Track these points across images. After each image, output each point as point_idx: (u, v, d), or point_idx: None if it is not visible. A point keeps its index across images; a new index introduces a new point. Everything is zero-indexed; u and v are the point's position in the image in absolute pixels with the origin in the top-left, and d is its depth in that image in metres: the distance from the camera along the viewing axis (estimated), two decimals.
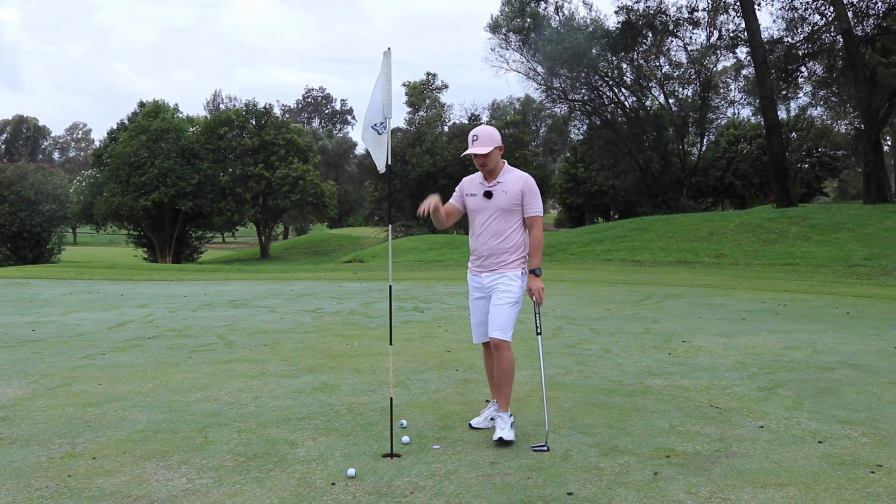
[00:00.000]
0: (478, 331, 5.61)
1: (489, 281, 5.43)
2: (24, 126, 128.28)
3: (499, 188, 5.39)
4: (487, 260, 5.44)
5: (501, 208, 5.38)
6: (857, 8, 36.66)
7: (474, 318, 5.61)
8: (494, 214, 5.40)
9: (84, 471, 4.62)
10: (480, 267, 5.50)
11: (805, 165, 61.79)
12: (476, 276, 5.54)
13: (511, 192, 5.38)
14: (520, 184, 5.40)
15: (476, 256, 5.53)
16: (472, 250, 5.59)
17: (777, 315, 11.66)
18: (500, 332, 5.33)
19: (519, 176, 5.45)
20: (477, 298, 5.56)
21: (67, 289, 17.05)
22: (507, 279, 5.39)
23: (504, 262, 5.40)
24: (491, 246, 5.41)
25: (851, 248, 23.74)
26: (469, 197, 5.54)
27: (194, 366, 7.84)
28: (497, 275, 5.41)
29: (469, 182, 5.59)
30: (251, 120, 63.06)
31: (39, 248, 59.26)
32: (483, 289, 5.49)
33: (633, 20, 45.09)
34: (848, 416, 5.75)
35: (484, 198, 5.42)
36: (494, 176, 5.45)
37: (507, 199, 5.37)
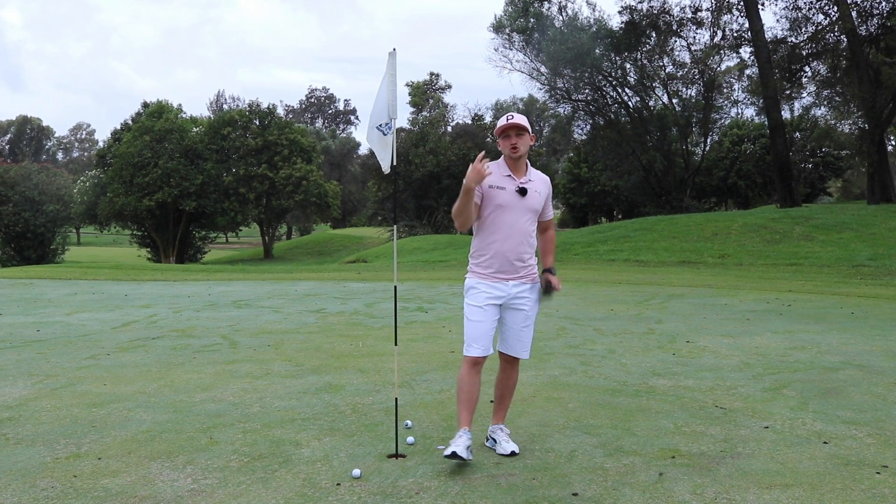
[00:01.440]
0: (482, 341, 4.87)
1: (518, 291, 4.92)
2: (28, 126, 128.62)
3: (531, 187, 4.90)
4: (512, 265, 4.88)
5: (533, 209, 4.92)
6: (861, 7, 36.60)
7: (481, 326, 4.88)
8: (525, 214, 4.89)
9: (89, 471, 4.63)
10: (503, 273, 4.88)
11: (809, 165, 61.77)
12: (496, 284, 4.89)
13: (542, 193, 4.98)
14: (546, 186, 5.04)
15: (496, 260, 4.87)
16: (487, 253, 4.90)
17: (781, 315, 11.65)
18: (527, 351, 5.06)
19: (544, 178, 5.07)
20: (490, 305, 4.89)
21: (71, 289, 17.08)
22: (530, 290, 5.01)
23: (531, 269, 4.97)
24: (520, 251, 4.89)
25: (855, 249, 23.71)
26: (495, 190, 4.84)
27: (199, 366, 7.85)
28: (525, 285, 4.96)
29: (493, 170, 4.88)
30: (254, 120, 63.16)
31: (43, 248, 59.42)
32: (505, 297, 4.91)
33: (636, 20, 45.08)
34: (853, 417, 5.74)
35: (517, 194, 4.85)
36: (522, 171, 4.93)
37: (539, 200, 4.95)
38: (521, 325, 5.00)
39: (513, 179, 4.87)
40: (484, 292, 4.89)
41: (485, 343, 4.87)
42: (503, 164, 4.93)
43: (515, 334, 5.00)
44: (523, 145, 4.86)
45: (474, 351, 4.86)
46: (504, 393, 5.14)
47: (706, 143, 54.21)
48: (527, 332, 5.03)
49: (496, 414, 5.17)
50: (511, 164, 4.90)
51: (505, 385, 5.14)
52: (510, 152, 4.84)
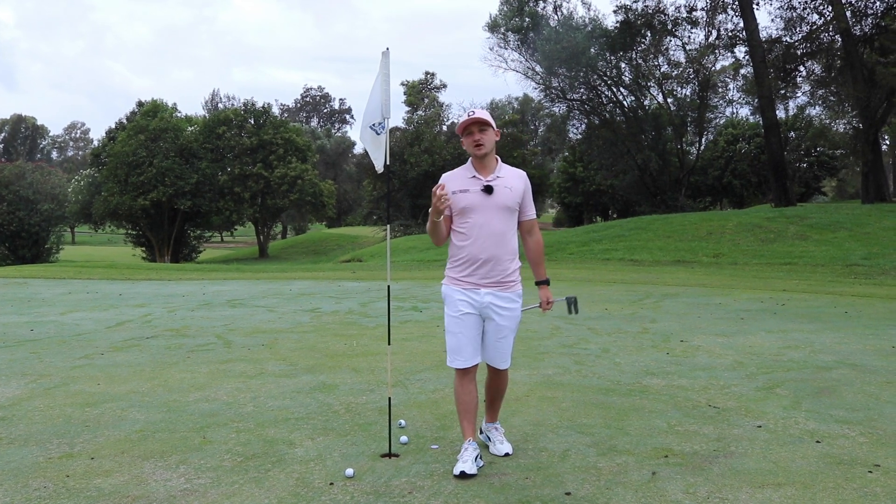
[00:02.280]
0: (464, 352, 4.70)
1: (490, 299, 4.66)
2: (22, 125, 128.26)
3: (500, 183, 4.64)
4: (484, 269, 4.63)
5: (505, 206, 4.63)
6: (856, 7, 36.72)
7: (460, 337, 4.70)
8: (496, 213, 4.61)
9: (82, 471, 4.62)
10: (475, 278, 4.65)
11: (803, 165, 61.85)
12: (468, 291, 4.68)
13: (515, 188, 4.68)
14: (521, 180, 4.75)
15: (469, 265, 4.66)
16: (461, 258, 4.70)
17: (775, 315, 11.67)
18: (507, 363, 4.84)
19: (518, 172, 4.79)
20: (466, 314, 4.69)
21: (66, 288, 17.05)
22: (511, 301, 4.72)
23: (506, 274, 4.66)
24: (491, 252, 4.61)
25: (850, 248, 23.76)
26: (459, 194, 4.63)
27: (193, 365, 7.84)
28: (498, 294, 4.67)
29: (453, 178, 4.71)
30: (249, 119, 63.08)
31: (38, 247, 59.30)
32: (478, 305, 4.68)
33: (631, 19, 45.15)
34: (846, 416, 5.75)
35: (483, 193, 4.60)
36: (490, 169, 4.69)
37: (511, 196, 4.66)
38: (495, 336, 4.73)
39: (478, 179, 4.65)
40: (459, 300, 4.70)
41: (466, 354, 4.68)
42: (469, 165, 4.73)
43: (491, 345, 4.78)
44: (488, 141, 4.63)
45: (457, 363, 4.71)
46: (495, 396, 5.01)
47: (701, 142, 54.31)
48: (502, 343, 4.77)
49: (488, 413, 5.06)
50: (477, 163, 4.70)
51: (494, 389, 4.99)
52: (475, 150, 4.64)
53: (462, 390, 4.76)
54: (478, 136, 4.61)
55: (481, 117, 4.61)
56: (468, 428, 4.71)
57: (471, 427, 4.72)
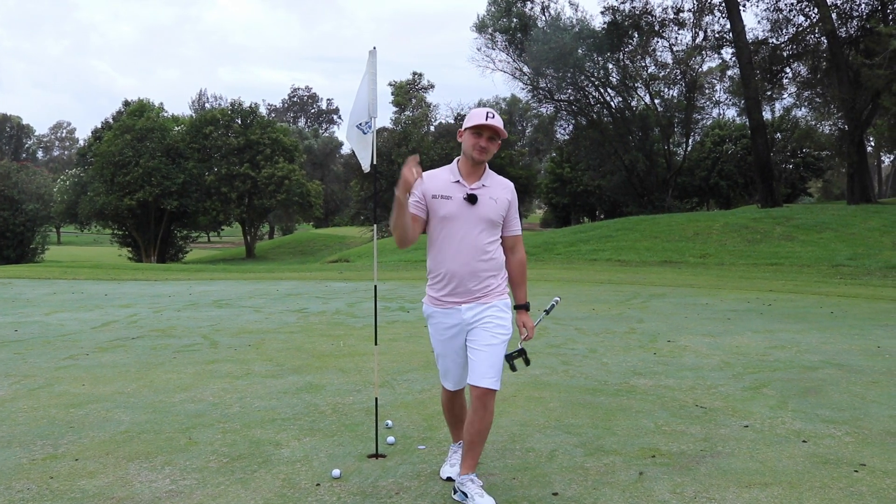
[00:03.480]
0: (454, 374, 4.37)
1: (473, 314, 4.21)
2: (7, 125, 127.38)
3: (485, 193, 4.22)
4: (465, 286, 4.19)
5: (488, 219, 4.21)
6: (841, 9, 36.95)
7: (449, 360, 4.34)
8: (478, 226, 4.19)
9: (66, 472, 4.58)
10: (456, 295, 4.21)
11: (790, 166, 62.17)
12: (450, 311, 4.23)
13: (500, 200, 4.25)
14: (508, 192, 4.32)
15: (447, 282, 4.21)
16: (439, 274, 4.25)
17: (762, 315, 11.71)
18: (493, 380, 4.14)
19: (505, 183, 4.36)
20: (452, 337, 4.27)
21: (51, 288, 16.94)
22: (498, 310, 4.24)
23: (490, 288, 4.24)
24: (473, 267, 4.18)
25: (835, 249, 23.89)
26: (439, 200, 4.21)
27: (179, 366, 7.80)
28: (483, 305, 4.22)
29: (435, 180, 4.27)
30: (237, 119, 62.89)
31: (23, 247, 58.89)
32: (462, 325, 4.23)
33: (618, 20, 45.29)
34: (832, 416, 5.77)
35: (466, 202, 4.17)
36: (477, 176, 4.26)
37: (496, 208, 4.23)
38: (480, 344, 4.19)
39: (462, 186, 4.21)
40: (440, 322, 4.29)
41: (454, 378, 4.38)
42: (454, 167, 4.29)
43: (475, 355, 4.19)
44: (490, 151, 4.22)
45: (447, 384, 4.44)
46: (474, 439, 4.18)
47: (688, 143, 54.55)
48: (491, 352, 4.17)
49: (465, 460, 4.21)
50: (466, 167, 4.26)
51: (476, 429, 4.17)
52: (475, 154, 4.18)
53: (451, 404, 4.52)
54: (485, 142, 4.18)
55: (498, 127, 4.17)
56: (457, 434, 4.55)
57: (459, 433, 4.50)
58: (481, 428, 4.16)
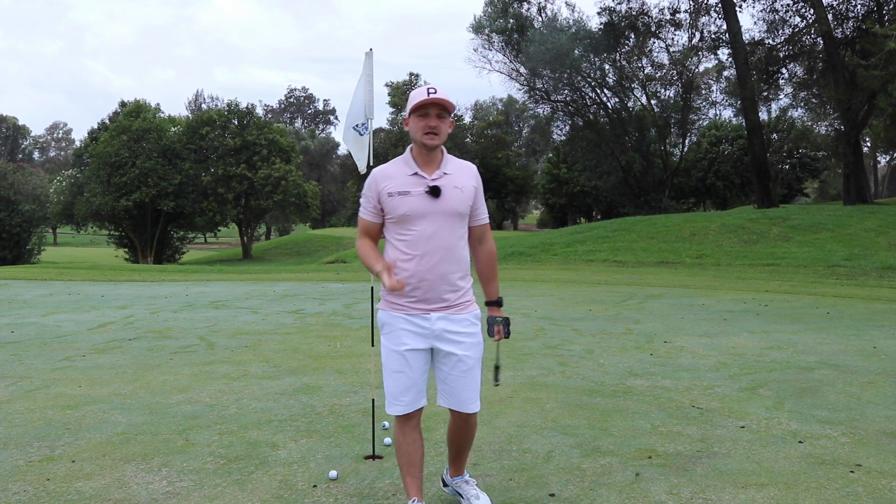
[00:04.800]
0: (407, 394, 3.76)
1: (443, 326, 3.71)
2: (3, 125, 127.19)
3: (448, 182, 3.71)
4: (436, 292, 3.69)
5: (455, 212, 3.71)
6: (837, 10, 37.02)
7: (402, 377, 3.75)
8: (445, 221, 3.69)
9: (63, 474, 4.58)
10: (423, 302, 3.70)
11: (786, 166, 62.30)
12: (415, 318, 3.72)
13: (466, 187, 3.76)
14: (472, 177, 3.82)
15: (413, 288, 3.69)
16: (401, 276, 3.67)
17: (758, 315, 11.73)
18: (475, 404, 3.82)
19: (467, 167, 3.85)
20: (412, 350, 3.73)
21: (47, 290, 16.92)
22: (468, 325, 3.78)
23: (461, 295, 3.76)
24: (443, 270, 3.69)
25: (832, 249, 23.92)
26: (396, 198, 3.69)
27: (175, 367, 7.79)
28: (452, 318, 3.73)
29: (389, 175, 3.75)
30: (233, 120, 62.85)
31: (19, 248, 58.82)
32: (429, 336, 3.72)
33: (615, 21, 45.37)
34: (828, 416, 5.78)
35: (428, 196, 3.67)
36: (435, 164, 3.74)
37: (462, 198, 3.74)
38: (458, 370, 3.75)
39: (421, 178, 3.70)
40: (402, 330, 3.73)
41: (409, 398, 3.77)
42: (408, 158, 3.76)
43: (455, 382, 3.78)
44: (442, 131, 3.70)
45: (396, 409, 3.79)
46: (461, 448, 4.00)
47: (684, 143, 54.61)
48: (465, 380, 3.77)
49: (454, 465, 4.08)
50: (420, 156, 3.74)
51: (462, 440, 3.97)
52: (425, 138, 3.66)
53: (405, 440, 3.85)
54: (434, 121, 3.66)
55: (444, 100, 3.67)
56: (413, 485, 3.85)
57: (416, 483, 3.85)
58: (468, 437, 3.96)
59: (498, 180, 65.39)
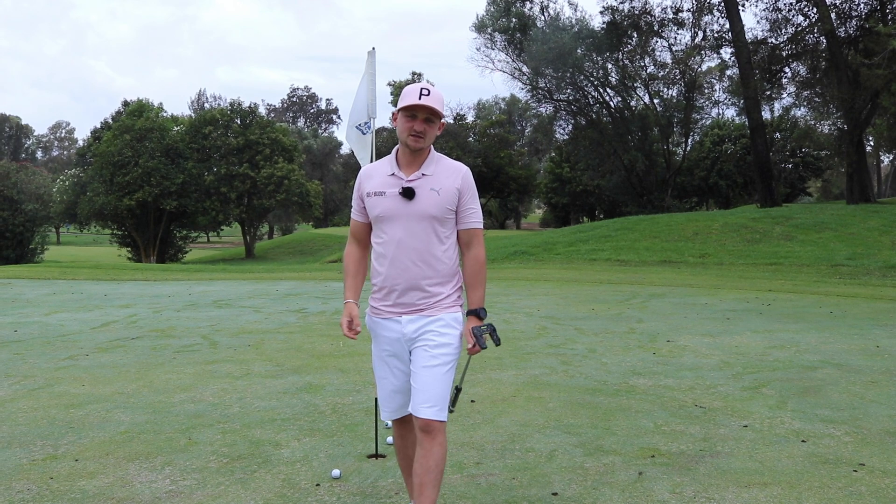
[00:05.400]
0: (394, 400, 3.70)
1: (414, 328, 3.56)
2: (6, 125, 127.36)
3: (424, 184, 3.54)
4: (406, 296, 3.57)
5: (429, 216, 3.52)
6: (840, 9, 36.95)
7: (386, 383, 3.70)
8: (416, 225, 3.53)
9: (66, 473, 4.59)
10: (395, 306, 3.61)
11: (789, 165, 62.25)
12: (388, 321, 3.64)
13: (445, 190, 3.54)
14: (456, 178, 3.58)
15: (387, 291, 3.64)
16: (378, 280, 3.69)
17: (761, 315, 11.72)
18: (435, 409, 3.48)
19: (453, 167, 3.62)
20: (392, 354, 3.65)
21: (50, 289, 16.94)
22: (443, 325, 3.56)
23: (436, 301, 3.57)
24: (412, 275, 3.54)
25: (835, 248, 23.89)
26: (373, 198, 3.60)
27: (178, 366, 7.80)
28: (425, 318, 3.56)
29: (371, 175, 3.67)
30: (236, 119, 62.86)
31: (22, 247, 58.81)
32: (402, 340, 3.60)
33: (618, 20, 45.33)
34: (831, 416, 5.78)
35: (401, 198, 3.53)
36: (417, 165, 3.58)
37: (439, 201, 3.53)
38: (420, 364, 3.53)
39: (398, 178, 3.57)
40: (380, 335, 3.71)
41: (395, 404, 3.70)
42: (392, 157, 3.66)
43: (415, 378, 3.55)
44: (429, 136, 3.55)
45: (385, 414, 3.76)
46: (423, 479, 3.46)
47: (687, 143, 54.57)
48: (430, 376, 3.50)
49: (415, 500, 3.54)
50: (404, 156, 3.61)
51: (422, 466, 3.48)
52: (409, 140, 3.51)
53: (402, 443, 3.84)
54: (420, 125, 3.51)
55: (433, 106, 3.50)
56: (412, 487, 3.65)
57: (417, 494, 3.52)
58: (428, 464, 3.46)
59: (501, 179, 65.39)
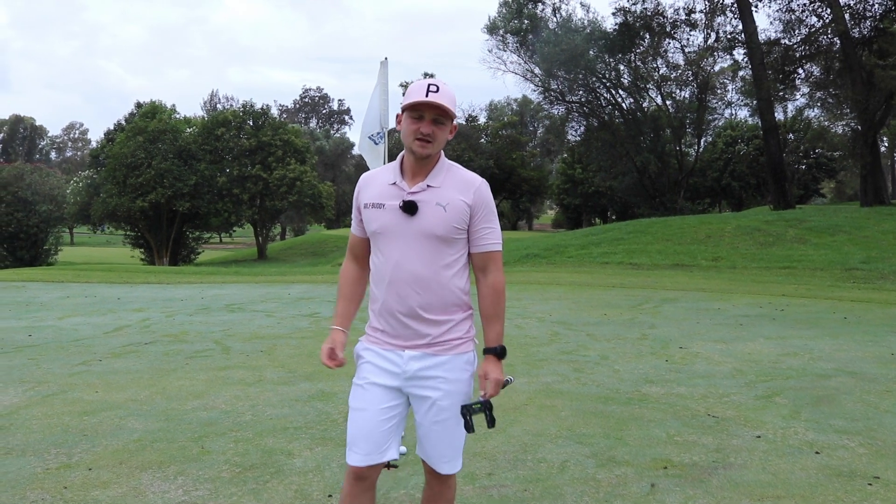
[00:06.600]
0: (366, 443, 3.07)
1: (417, 367, 3.05)
2: (21, 126, 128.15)
3: (429, 197, 3.02)
4: (407, 328, 3.06)
5: (433, 235, 3.00)
6: (854, 10, 36.78)
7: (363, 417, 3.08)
8: (418, 245, 3.01)
9: (80, 482, 4.61)
10: (397, 337, 3.09)
11: (802, 167, 61.96)
12: (387, 352, 3.11)
13: (453, 205, 3.00)
14: (467, 192, 3.04)
15: (385, 318, 3.12)
16: (376, 305, 3.17)
17: (774, 320, 11.66)
18: (451, 463, 3.17)
19: (466, 179, 3.07)
20: (381, 387, 3.09)
21: (64, 292, 17.02)
22: (456, 370, 3.07)
23: (445, 330, 3.06)
24: (412, 304, 3.03)
25: (849, 252, 23.75)
26: (370, 210, 3.10)
27: (191, 372, 7.82)
28: (432, 358, 3.05)
29: (370, 183, 3.18)
30: (248, 121, 63.05)
31: (36, 248, 59.20)
32: (400, 375, 3.07)
33: (630, 22, 45.25)
34: (845, 426, 5.74)
35: (401, 212, 3.01)
36: (424, 174, 3.05)
37: (446, 218, 2.99)
38: (430, 419, 3.09)
39: (400, 189, 3.05)
40: (369, 363, 3.14)
41: (370, 445, 3.06)
42: (396, 164, 3.15)
43: (425, 433, 3.13)
44: (438, 140, 3.02)
45: (353, 457, 3.08)
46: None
47: (700, 144, 54.42)
48: (438, 431, 3.10)
49: None
50: (410, 162, 3.09)
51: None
52: (415, 145, 3.00)
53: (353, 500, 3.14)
54: (428, 126, 2.99)
55: (443, 104, 2.98)
56: None
57: None
58: None
59: (513, 181, 65.36)
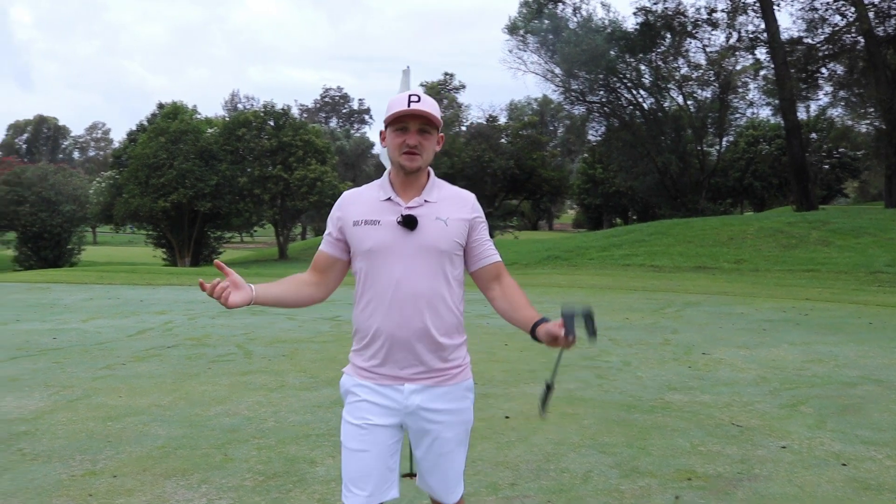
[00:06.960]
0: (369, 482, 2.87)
1: (420, 399, 2.88)
2: (44, 126, 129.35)
3: (428, 212, 2.87)
4: (410, 353, 2.85)
5: (435, 249, 2.85)
6: (879, 8, 36.40)
7: (363, 459, 2.89)
8: (420, 261, 2.84)
9: (105, 489, 4.64)
10: (396, 368, 2.88)
11: (825, 166, 61.40)
12: (383, 388, 2.90)
13: (453, 220, 2.89)
14: (464, 208, 2.94)
15: (380, 347, 2.88)
16: (367, 335, 2.92)
17: (798, 325, 11.56)
18: (456, 490, 3.04)
19: (460, 195, 2.98)
20: (382, 427, 2.89)
21: (87, 294, 17.16)
22: (457, 398, 2.96)
23: (443, 358, 2.90)
24: (417, 325, 2.83)
25: (873, 254, 23.50)
26: (362, 227, 2.89)
27: (213, 377, 7.86)
28: (435, 391, 2.90)
29: (357, 200, 2.97)
30: (269, 121, 63.30)
31: (60, 248, 59.74)
32: (400, 411, 2.89)
33: (651, 21, 45.01)
34: (872, 437, 5.68)
35: (401, 228, 2.84)
36: (416, 190, 2.91)
37: (446, 233, 2.87)
38: (434, 453, 2.96)
39: (395, 205, 2.88)
40: (365, 401, 2.91)
41: (370, 486, 2.87)
42: (384, 181, 2.96)
43: (429, 468, 3.00)
44: (426, 150, 2.87)
45: (355, 499, 2.87)
46: None
47: (721, 144, 54.02)
48: (441, 465, 2.97)
49: None
50: (399, 178, 2.92)
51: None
52: (402, 158, 2.84)
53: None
54: (414, 138, 2.83)
55: (428, 111, 2.82)
56: None
57: None
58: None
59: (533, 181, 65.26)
